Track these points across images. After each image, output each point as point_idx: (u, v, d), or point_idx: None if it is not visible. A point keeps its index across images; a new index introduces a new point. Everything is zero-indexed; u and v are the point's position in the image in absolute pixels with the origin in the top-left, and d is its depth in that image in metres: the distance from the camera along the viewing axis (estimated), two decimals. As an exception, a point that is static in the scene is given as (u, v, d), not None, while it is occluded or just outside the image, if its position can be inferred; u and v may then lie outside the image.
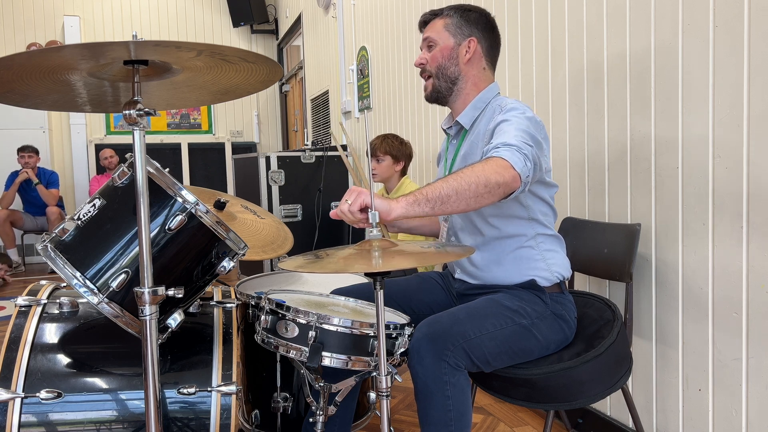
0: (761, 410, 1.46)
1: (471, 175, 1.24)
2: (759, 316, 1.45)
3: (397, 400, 2.38)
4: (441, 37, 1.60)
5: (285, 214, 3.98)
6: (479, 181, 1.23)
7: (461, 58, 1.59)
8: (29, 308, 1.43)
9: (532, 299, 1.50)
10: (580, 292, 1.79)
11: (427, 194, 1.21)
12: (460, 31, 1.59)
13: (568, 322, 1.53)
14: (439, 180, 1.25)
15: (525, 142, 1.34)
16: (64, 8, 6.73)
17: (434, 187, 1.23)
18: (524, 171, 1.30)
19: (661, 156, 1.70)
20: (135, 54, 1.01)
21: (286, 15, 6.66)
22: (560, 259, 1.58)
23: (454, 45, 1.59)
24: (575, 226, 1.94)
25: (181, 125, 7.17)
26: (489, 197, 1.25)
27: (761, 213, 1.42)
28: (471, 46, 1.58)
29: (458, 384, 1.33)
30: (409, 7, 3.39)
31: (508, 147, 1.32)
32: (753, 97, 1.43)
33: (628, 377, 1.55)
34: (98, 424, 1.32)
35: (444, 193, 1.21)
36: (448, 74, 1.60)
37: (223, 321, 1.51)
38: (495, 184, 1.25)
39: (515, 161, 1.29)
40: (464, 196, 1.22)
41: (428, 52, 1.63)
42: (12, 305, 1.94)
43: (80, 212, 1.31)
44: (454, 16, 1.60)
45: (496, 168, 1.27)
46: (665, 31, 1.66)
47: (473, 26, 1.59)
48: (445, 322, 1.38)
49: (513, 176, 1.28)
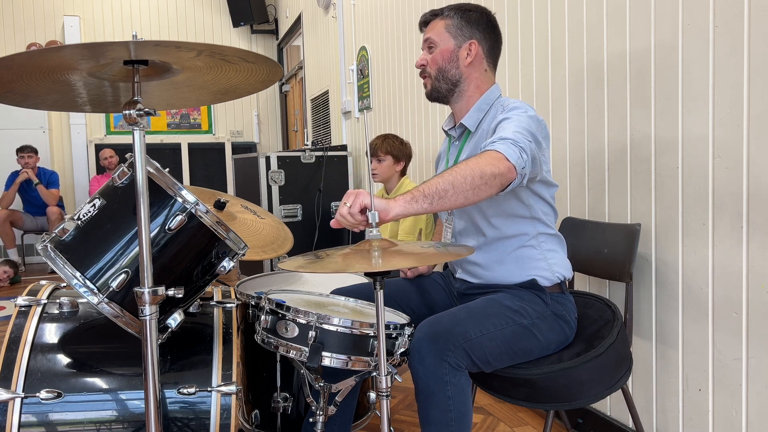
0: (761, 410, 1.46)
1: (466, 168, 1.24)
2: (759, 316, 1.45)
3: (397, 400, 2.38)
4: (441, 39, 1.58)
5: (285, 214, 3.99)
6: (474, 173, 1.23)
7: (462, 61, 1.58)
8: (29, 308, 1.43)
9: (533, 299, 1.50)
10: (580, 293, 1.79)
11: (424, 191, 1.21)
12: (461, 32, 1.58)
13: (568, 322, 1.53)
14: (435, 176, 1.25)
15: (523, 137, 1.34)
16: (64, 8, 6.73)
17: (431, 183, 1.23)
18: (519, 162, 1.30)
19: (661, 156, 1.70)
20: (135, 54, 1.01)
21: (286, 15, 6.66)
22: (561, 259, 1.58)
23: (455, 47, 1.58)
24: (575, 226, 1.94)
25: (181, 125, 7.17)
26: (487, 189, 1.25)
27: (761, 213, 1.42)
28: (472, 49, 1.57)
29: (459, 384, 1.33)
30: (409, 7, 3.39)
31: (503, 140, 1.32)
32: (753, 97, 1.43)
33: (628, 377, 1.55)
34: (98, 424, 1.32)
35: (441, 188, 1.22)
36: (449, 77, 1.59)
37: (223, 321, 1.51)
38: (491, 175, 1.25)
39: (510, 153, 1.29)
40: (461, 189, 1.22)
41: (429, 54, 1.62)
42: (12, 305, 1.94)
43: (80, 212, 1.31)
44: (454, 17, 1.58)
45: (490, 160, 1.27)
46: (665, 31, 1.66)
47: (474, 27, 1.58)
48: (446, 322, 1.38)
49: (508, 167, 1.28)
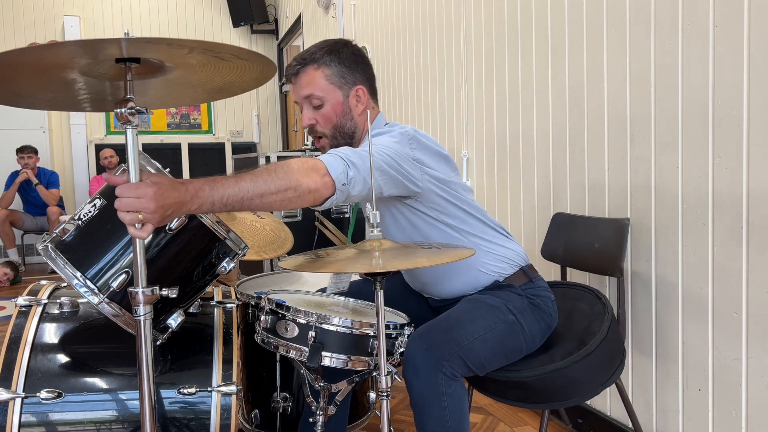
0: (761, 410, 1.46)
1: (283, 177, 1.14)
2: (759, 316, 1.45)
3: (397, 400, 2.38)
4: (327, 93, 1.46)
5: (285, 214, 3.98)
6: (290, 184, 1.14)
7: (354, 110, 1.48)
8: (29, 308, 1.43)
9: (507, 295, 1.48)
10: (571, 284, 1.79)
11: (226, 200, 1.09)
12: (345, 81, 1.47)
13: (544, 310, 1.50)
14: (246, 176, 1.12)
15: (361, 156, 1.26)
16: (64, 8, 6.72)
17: (239, 190, 1.10)
18: (340, 178, 1.21)
19: (661, 155, 1.70)
20: (127, 51, 1.01)
21: (286, 15, 6.65)
22: (509, 249, 1.54)
23: (344, 98, 1.47)
24: (566, 221, 1.93)
25: (181, 125, 7.17)
26: (297, 202, 1.16)
27: (761, 213, 1.43)
28: (360, 95, 1.48)
29: (455, 394, 1.31)
30: (409, 7, 3.39)
31: (332, 155, 1.24)
32: (753, 97, 1.43)
33: (621, 371, 1.54)
34: (98, 424, 1.32)
35: (247, 197, 1.11)
36: (345, 131, 1.49)
37: (223, 321, 1.51)
38: (306, 190, 1.16)
39: (334, 167, 1.21)
40: (269, 201, 1.13)
41: (315, 111, 1.48)
42: (12, 305, 1.94)
43: (81, 212, 1.31)
44: (332, 65, 1.46)
45: (309, 171, 1.18)
46: (665, 31, 1.66)
47: (355, 71, 1.48)
48: (438, 330, 1.36)
49: (325, 183, 1.19)
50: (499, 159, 2.54)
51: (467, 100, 2.78)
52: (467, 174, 2.80)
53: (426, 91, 3.23)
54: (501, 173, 2.53)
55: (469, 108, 2.76)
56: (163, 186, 1.03)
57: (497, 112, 2.53)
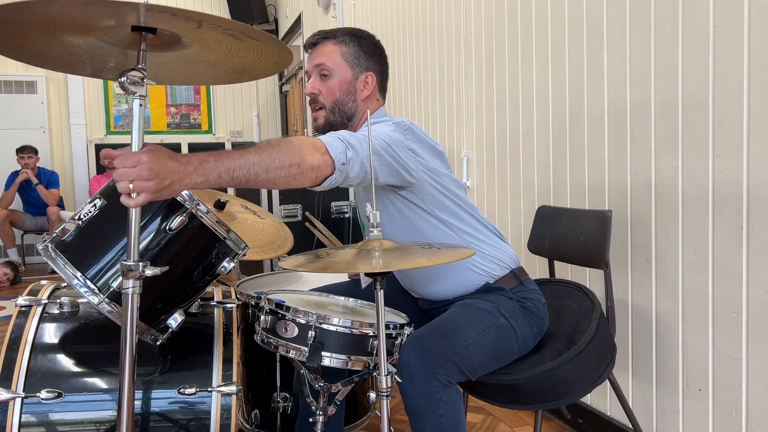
0: (761, 410, 1.46)
1: (287, 152, 1.14)
2: (759, 316, 1.45)
3: (397, 400, 2.38)
4: (338, 67, 1.48)
5: (285, 214, 3.99)
6: (294, 160, 1.15)
7: (359, 94, 1.49)
8: (30, 308, 1.43)
9: (498, 299, 1.47)
10: (559, 281, 1.78)
11: (233, 174, 1.08)
12: (358, 63, 1.48)
13: (535, 314, 1.49)
14: (251, 150, 1.12)
15: (359, 140, 1.26)
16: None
17: (244, 164, 1.10)
18: (339, 157, 1.22)
19: (661, 155, 1.70)
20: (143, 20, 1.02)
21: (286, 15, 6.65)
22: (500, 250, 1.53)
23: (352, 78, 1.48)
24: (552, 214, 1.91)
25: (181, 125, 7.17)
26: (300, 180, 1.17)
27: (761, 213, 1.43)
28: (369, 81, 1.49)
29: (450, 400, 1.30)
30: (409, 7, 3.39)
31: (331, 136, 1.25)
32: (753, 97, 1.43)
33: (612, 368, 1.53)
34: (98, 424, 1.32)
35: (253, 172, 1.11)
36: (345, 110, 1.49)
37: (223, 321, 1.51)
38: (309, 167, 1.17)
39: (333, 146, 1.22)
40: (273, 177, 1.13)
41: (321, 82, 1.50)
42: (12, 305, 1.94)
43: (81, 212, 1.31)
44: (350, 45, 1.48)
45: (311, 149, 1.19)
46: (665, 31, 1.66)
47: (370, 58, 1.50)
48: (432, 336, 1.34)
49: (326, 161, 1.20)
50: (499, 158, 2.54)
51: (467, 100, 2.78)
52: (467, 174, 2.80)
53: (426, 91, 3.23)
54: (501, 173, 2.53)
55: (469, 108, 2.76)
56: (160, 154, 1.01)
57: (497, 112, 2.53)
